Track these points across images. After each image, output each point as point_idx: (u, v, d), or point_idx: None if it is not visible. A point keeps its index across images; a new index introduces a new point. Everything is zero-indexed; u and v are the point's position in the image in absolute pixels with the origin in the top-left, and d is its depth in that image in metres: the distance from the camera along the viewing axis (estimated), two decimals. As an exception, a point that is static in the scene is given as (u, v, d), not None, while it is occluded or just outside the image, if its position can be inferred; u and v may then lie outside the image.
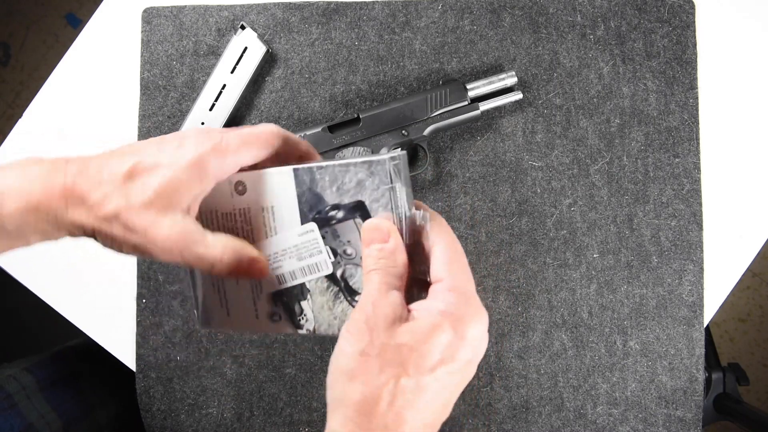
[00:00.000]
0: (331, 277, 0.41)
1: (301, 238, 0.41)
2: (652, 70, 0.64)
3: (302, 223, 0.40)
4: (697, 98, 0.64)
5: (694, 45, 0.64)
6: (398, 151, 0.39)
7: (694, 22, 0.64)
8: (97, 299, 0.65)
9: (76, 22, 1.47)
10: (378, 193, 0.38)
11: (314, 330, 0.41)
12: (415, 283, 0.39)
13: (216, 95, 0.63)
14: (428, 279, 0.37)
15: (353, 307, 0.40)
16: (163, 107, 0.65)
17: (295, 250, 0.41)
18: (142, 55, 0.65)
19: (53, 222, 0.35)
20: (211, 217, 0.42)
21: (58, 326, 0.74)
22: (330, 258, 0.40)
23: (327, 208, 0.40)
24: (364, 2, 0.65)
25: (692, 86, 0.64)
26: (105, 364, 0.69)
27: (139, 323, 0.64)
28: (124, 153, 0.37)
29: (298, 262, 0.41)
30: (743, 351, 1.39)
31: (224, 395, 0.63)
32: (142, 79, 0.65)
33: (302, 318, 0.42)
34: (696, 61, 0.64)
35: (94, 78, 0.66)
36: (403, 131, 0.61)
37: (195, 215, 0.39)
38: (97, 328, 0.65)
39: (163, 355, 0.63)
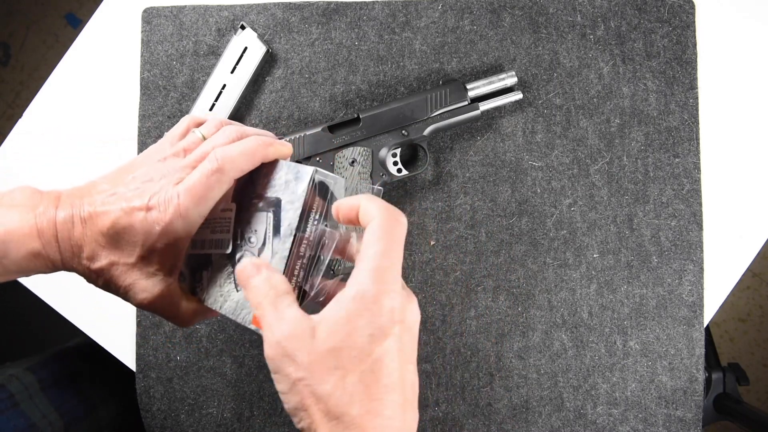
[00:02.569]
0: (229, 257, 0.42)
1: (220, 214, 0.43)
2: (652, 70, 0.64)
3: (230, 201, 0.43)
4: (697, 98, 0.64)
5: (694, 45, 0.64)
6: (332, 174, 0.41)
7: (694, 22, 0.65)
8: (97, 299, 0.65)
9: (76, 22, 1.47)
10: (294, 196, 0.40)
11: (204, 300, 0.43)
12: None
13: (216, 95, 0.63)
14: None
15: (237, 291, 0.42)
16: (163, 107, 0.65)
17: (213, 222, 0.43)
18: (142, 55, 0.65)
19: (51, 267, 0.40)
20: None
21: (58, 326, 0.74)
22: (236, 240, 0.42)
23: (252, 196, 0.42)
24: (364, 2, 0.65)
25: (692, 86, 0.64)
26: (105, 364, 0.69)
27: (139, 323, 0.64)
28: (109, 204, 0.40)
29: (210, 234, 0.43)
30: (743, 351, 1.39)
31: (224, 395, 0.63)
32: (142, 79, 0.65)
33: (199, 285, 0.44)
34: (696, 61, 0.64)
35: (94, 78, 0.66)
36: (403, 131, 0.61)
37: (177, 274, 0.42)
38: (97, 328, 0.65)
39: (163, 355, 0.63)
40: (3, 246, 0.38)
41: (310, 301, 0.40)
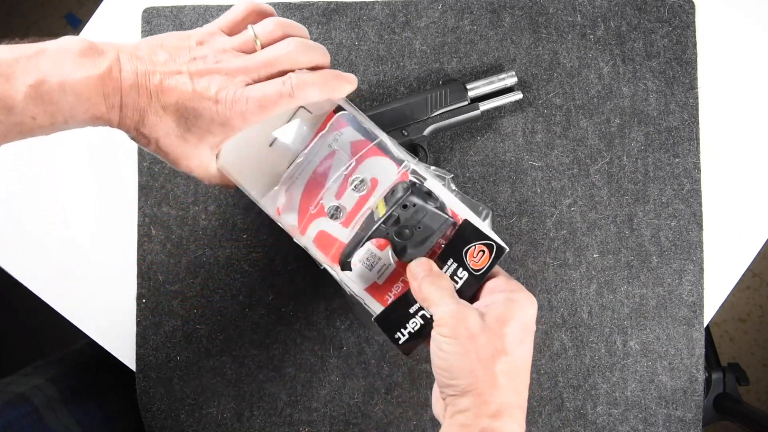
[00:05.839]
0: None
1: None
2: (652, 70, 0.64)
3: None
4: (697, 98, 0.64)
5: (694, 45, 0.64)
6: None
7: (694, 22, 0.65)
8: (97, 299, 0.65)
9: (76, 22, 1.47)
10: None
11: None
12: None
13: (216, 95, 0.63)
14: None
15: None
16: (163, 107, 0.65)
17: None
18: (142, 55, 0.65)
19: (103, 124, 0.42)
20: None
21: (57, 327, 0.74)
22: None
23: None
24: (364, 2, 0.65)
25: (692, 86, 0.64)
26: (124, 375, 0.68)
27: (139, 323, 0.64)
28: (176, 81, 0.42)
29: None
30: (743, 351, 1.39)
31: (224, 395, 0.63)
32: (142, 79, 0.65)
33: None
34: (696, 61, 0.64)
35: (94, 78, 0.66)
36: (403, 131, 0.61)
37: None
38: (97, 328, 0.65)
39: (163, 355, 0.63)
40: (70, 105, 0.39)
41: None
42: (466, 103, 0.61)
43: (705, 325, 0.63)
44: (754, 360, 1.38)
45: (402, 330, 0.46)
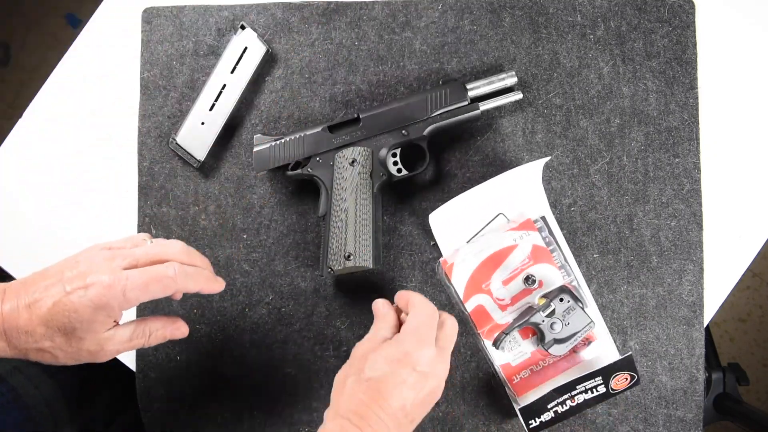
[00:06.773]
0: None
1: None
2: (652, 70, 0.64)
3: None
4: (697, 98, 0.64)
5: (694, 45, 0.64)
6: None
7: (694, 22, 0.64)
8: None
9: (76, 22, 1.47)
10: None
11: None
12: None
13: (216, 95, 0.63)
14: None
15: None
16: (163, 107, 0.65)
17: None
18: (142, 55, 0.65)
19: (4, 354, 0.45)
20: None
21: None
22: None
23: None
24: (364, 2, 0.65)
25: (692, 86, 0.64)
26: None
27: (139, 323, 0.64)
28: (52, 289, 0.45)
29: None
30: (743, 351, 1.39)
31: (224, 395, 0.63)
32: (142, 79, 0.65)
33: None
34: (696, 61, 0.64)
35: (94, 78, 0.66)
36: (403, 131, 0.61)
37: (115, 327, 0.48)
38: (97, 328, 0.65)
39: (163, 355, 0.63)
40: None
41: None
42: (466, 103, 0.61)
43: (705, 325, 0.63)
44: (754, 360, 1.38)
45: (536, 418, 0.58)
